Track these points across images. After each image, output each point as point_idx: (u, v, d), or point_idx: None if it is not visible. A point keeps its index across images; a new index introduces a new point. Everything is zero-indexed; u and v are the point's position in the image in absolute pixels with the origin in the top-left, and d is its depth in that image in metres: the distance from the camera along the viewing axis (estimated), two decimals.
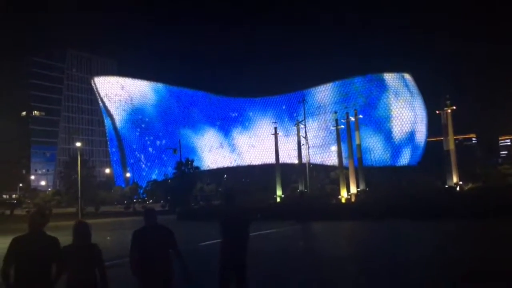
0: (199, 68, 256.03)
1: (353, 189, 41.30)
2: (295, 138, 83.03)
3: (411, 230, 22.01)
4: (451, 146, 39.72)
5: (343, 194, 40.44)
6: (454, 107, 39.75)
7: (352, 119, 46.44)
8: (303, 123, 52.61)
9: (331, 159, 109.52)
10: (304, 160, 77.30)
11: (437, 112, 40.25)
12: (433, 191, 34.47)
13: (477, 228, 21.08)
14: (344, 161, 48.97)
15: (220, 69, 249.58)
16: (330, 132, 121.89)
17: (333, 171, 76.81)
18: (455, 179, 38.27)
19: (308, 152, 52.72)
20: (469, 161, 57.05)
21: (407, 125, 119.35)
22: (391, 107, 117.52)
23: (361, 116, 52.46)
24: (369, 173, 47.86)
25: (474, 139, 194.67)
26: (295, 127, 57.47)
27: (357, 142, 45.32)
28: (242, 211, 7.68)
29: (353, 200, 38.05)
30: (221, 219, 7.35)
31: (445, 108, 39.74)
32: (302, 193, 44.53)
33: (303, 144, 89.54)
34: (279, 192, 47.59)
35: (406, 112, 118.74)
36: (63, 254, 5.49)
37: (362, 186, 42.11)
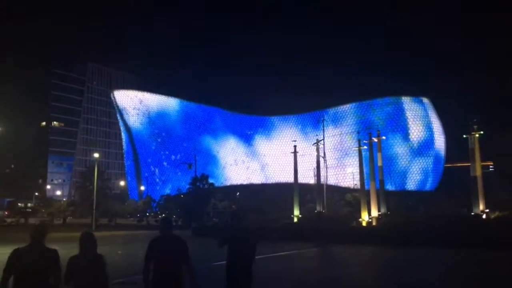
0: (217, 84, 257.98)
1: (374, 212, 39.91)
2: (310, 158, 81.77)
3: (442, 259, 20.56)
4: (478, 172, 38.27)
5: (364, 217, 39.09)
6: (482, 132, 38.48)
7: (375, 140, 45.32)
8: (322, 143, 51.55)
9: (346, 181, 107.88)
10: (322, 180, 76.06)
11: (464, 136, 38.95)
12: (458, 218, 32.99)
13: (506, 258, 19.85)
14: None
15: (237, 86, 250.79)
16: (345, 154, 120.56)
17: (349, 193, 75.34)
18: (481, 206, 36.69)
19: (326, 173, 51.65)
20: (491, 188, 55.28)
21: (425, 149, 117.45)
22: (409, 131, 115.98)
23: (384, 137, 51.33)
24: (388, 197, 46.26)
25: (491, 166, 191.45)
26: (310, 147, 56.29)
27: (379, 163, 44.04)
28: (248, 231, 7.89)
29: (374, 223, 36.73)
30: (226, 236, 7.66)
31: (472, 133, 38.44)
32: (320, 214, 43.38)
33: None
34: (296, 212, 46.27)
35: (424, 136, 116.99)
36: (68, 264, 5.76)
37: (383, 210, 40.73)
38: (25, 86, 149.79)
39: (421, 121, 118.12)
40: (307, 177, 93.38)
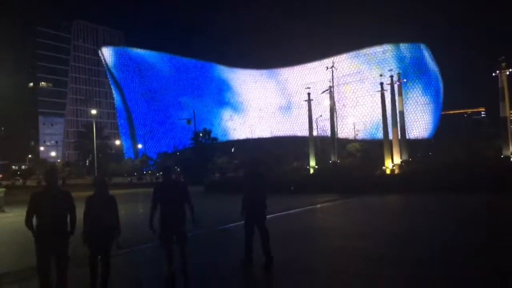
0: (209, 38, 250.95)
1: (397, 160, 38.37)
2: (306, 111, 79.64)
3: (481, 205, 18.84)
4: (507, 112, 36.37)
5: (388, 165, 37.55)
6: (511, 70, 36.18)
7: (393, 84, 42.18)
8: (328, 91, 49.41)
9: (344, 132, 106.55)
10: (323, 132, 74.36)
11: (494, 74, 36.74)
12: (484, 162, 31.57)
13: None
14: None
15: (231, 40, 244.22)
16: (343, 105, 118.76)
17: (350, 144, 74.20)
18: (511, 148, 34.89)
19: (336, 123, 49.89)
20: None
21: (423, 97, 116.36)
22: (409, 78, 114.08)
23: (405, 80, 48.34)
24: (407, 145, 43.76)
25: (483, 112, 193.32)
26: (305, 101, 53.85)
27: (400, 109, 41.80)
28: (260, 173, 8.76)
29: (397, 171, 35.33)
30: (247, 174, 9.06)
31: (502, 71, 36.14)
32: (336, 164, 42.04)
33: (319, 117, 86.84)
34: (312, 163, 44.42)
35: (429, 84, 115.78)
36: (86, 202, 6.67)
37: (404, 157, 39.16)
38: (10, 47, 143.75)
39: (425, 68, 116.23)
40: (304, 130, 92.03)
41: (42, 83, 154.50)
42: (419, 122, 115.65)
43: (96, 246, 6.52)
